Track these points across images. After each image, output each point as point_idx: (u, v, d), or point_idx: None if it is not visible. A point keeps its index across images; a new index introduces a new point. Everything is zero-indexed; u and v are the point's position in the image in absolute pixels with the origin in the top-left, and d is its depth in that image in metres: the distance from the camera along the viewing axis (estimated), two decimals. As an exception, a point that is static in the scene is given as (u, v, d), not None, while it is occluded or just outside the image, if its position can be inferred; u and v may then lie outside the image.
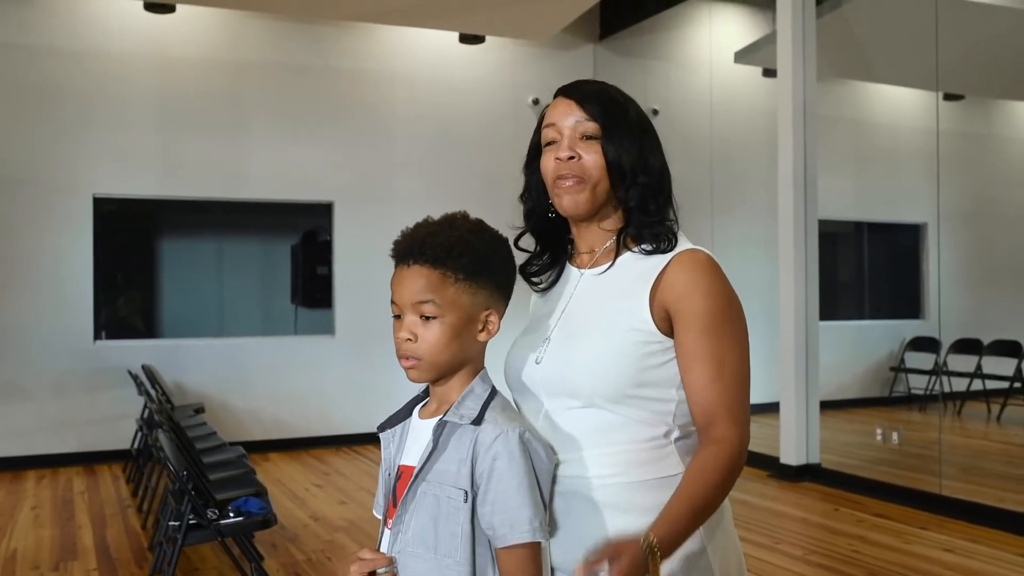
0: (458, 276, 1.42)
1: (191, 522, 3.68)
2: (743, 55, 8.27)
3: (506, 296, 1.50)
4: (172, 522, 3.81)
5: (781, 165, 6.55)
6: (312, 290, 8.51)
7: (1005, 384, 7.54)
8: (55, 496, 6.19)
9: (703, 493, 1.37)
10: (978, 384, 7.62)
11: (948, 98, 7.35)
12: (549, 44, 8.67)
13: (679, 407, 1.47)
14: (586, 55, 8.90)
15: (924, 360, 7.84)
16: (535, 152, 1.59)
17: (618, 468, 1.44)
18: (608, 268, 1.54)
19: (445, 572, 1.39)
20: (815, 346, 6.50)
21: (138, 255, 8.61)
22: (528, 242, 1.66)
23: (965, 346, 7.53)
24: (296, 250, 8.76)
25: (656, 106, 8.13)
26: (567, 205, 1.52)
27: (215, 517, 3.71)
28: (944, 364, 7.31)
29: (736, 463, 1.40)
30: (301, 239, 8.75)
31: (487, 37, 8.49)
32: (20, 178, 7.17)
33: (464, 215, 1.49)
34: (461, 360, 1.46)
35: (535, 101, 8.52)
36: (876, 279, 9.41)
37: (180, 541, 3.67)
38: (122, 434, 7.09)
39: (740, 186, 8.48)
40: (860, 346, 8.69)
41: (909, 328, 8.33)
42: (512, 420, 1.43)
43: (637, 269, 1.50)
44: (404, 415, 1.55)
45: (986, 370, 7.57)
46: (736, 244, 8.09)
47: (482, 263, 1.43)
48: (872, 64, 8.17)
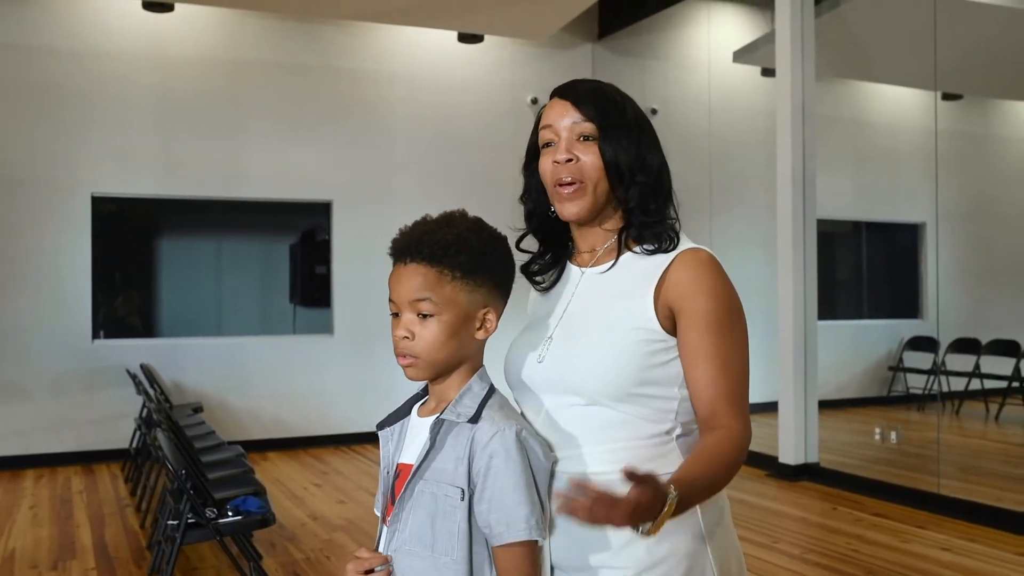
0: (455, 274, 1.42)
1: (190, 521, 3.68)
2: (742, 55, 8.27)
3: (504, 294, 1.49)
4: (171, 521, 3.81)
5: (780, 164, 6.55)
6: (311, 289, 8.51)
7: (1003, 384, 7.55)
8: (53, 495, 6.18)
9: (714, 469, 1.36)
10: (976, 384, 7.63)
11: (947, 98, 7.35)
12: (548, 43, 8.67)
13: (681, 405, 1.47)
14: (585, 55, 8.90)
15: (922, 360, 7.84)
16: (533, 153, 1.59)
17: (620, 465, 1.43)
18: (611, 267, 1.54)
19: (442, 570, 1.39)
20: (814, 345, 6.50)
21: (137, 254, 8.61)
22: (529, 242, 1.66)
23: (963, 346, 7.53)
24: (295, 249, 8.76)
25: (655, 106, 8.13)
26: (568, 212, 1.52)
27: (214, 516, 3.71)
28: (942, 364, 7.31)
29: (742, 449, 1.40)
30: (300, 238, 8.75)
31: (486, 36, 8.49)
32: (18, 177, 7.17)
33: (462, 213, 1.48)
34: (459, 358, 1.45)
35: (534, 100, 8.52)
36: (875, 279, 9.41)
37: (179, 540, 3.67)
38: (121, 433, 7.09)
39: (739, 186, 8.49)
40: (859, 346, 8.69)
41: (907, 328, 8.33)
42: (509, 418, 1.43)
43: (640, 268, 1.50)
44: (403, 413, 1.55)
45: (984, 370, 7.58)
46: (735, 243, 8.09)
47: (480, 261, 1.43)
48: (871, 64, 8.18)
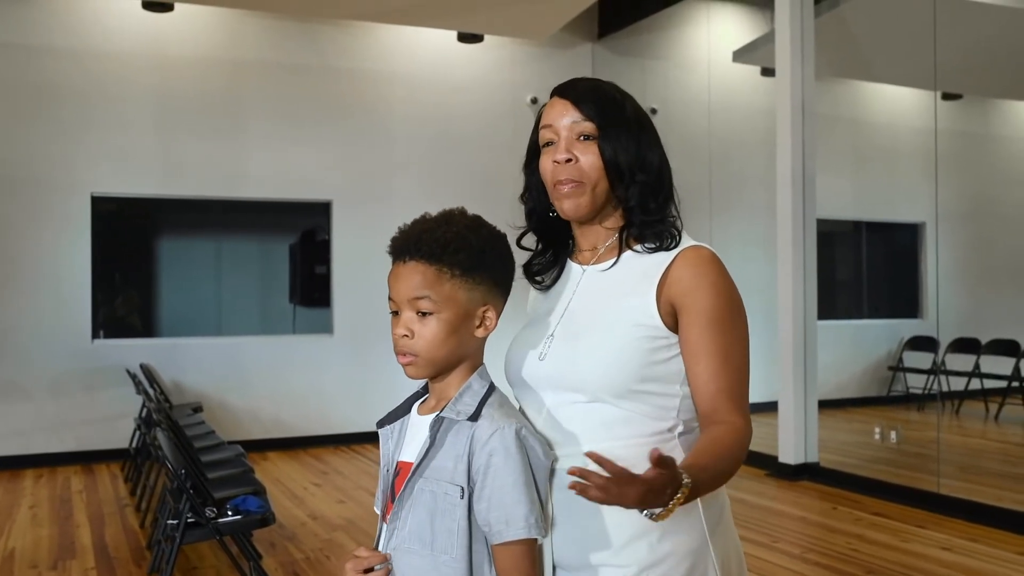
0: (454, 272, 1.41)
1: (189, 520, 3.67)
2: (741, 54, 8.27)
3: (504, 292, 1.49)
4: (170, 520, 3.81)
5: (779, 164, 6.55)
6: (310, 289, 8.51)
7: (1003, 383, 7.55)
8: (53, 495, 6.18)
9: (721, 460, 1.36)
10: (976, 383, 7.63)
11: (946, 97, 7.35)
12: (548, 43, 8.67)
13: (683, 402, 1.48)
14: (584, 54, 8.90)
15: (922, 359, 7.84)
16: (534, 152, 1.59)
17: (623, 462, 1.44)
18: (612, 265, 1.54)
19: (441, 568, 1.39)
20: (813, 345, 6.50)
21: (136, 254, 8.61)
22: (530, 240, 1.66)
23: (963, 345, 7.53)
24: (294, 249, 8.76)
25: (655, 105, 8.13)
26: (568, 210, 1.53)
27: (213, 515, 3.71)
28: (942, 363, 7.31)
29: (745, 443, 1.40)
30: (299, 238, 8.75)
31: (486, 36, 8.48)
32: (18, 177, 7.16)
33: (462, 211, 1.48)
34: (459, 356, 1.45)
35: (533, 100, 8.52)
36: (874, 278, 9.41)
37: (178, 539, 3.66)
38: (120, 433, 7.09)
39: (738, 185, 8.49)
40: (858, 345, 8.69)
41: (907, 327, 8.33)
42: (509, 416, 1.43)
43: (642, 265, 1.51)
44: (403, 411, 1.55)
45: (984, 369, 7.58)
46: (735, 243, 8.08)
47: (479, 259, 1.43)
48: (870, 63, 8.18)
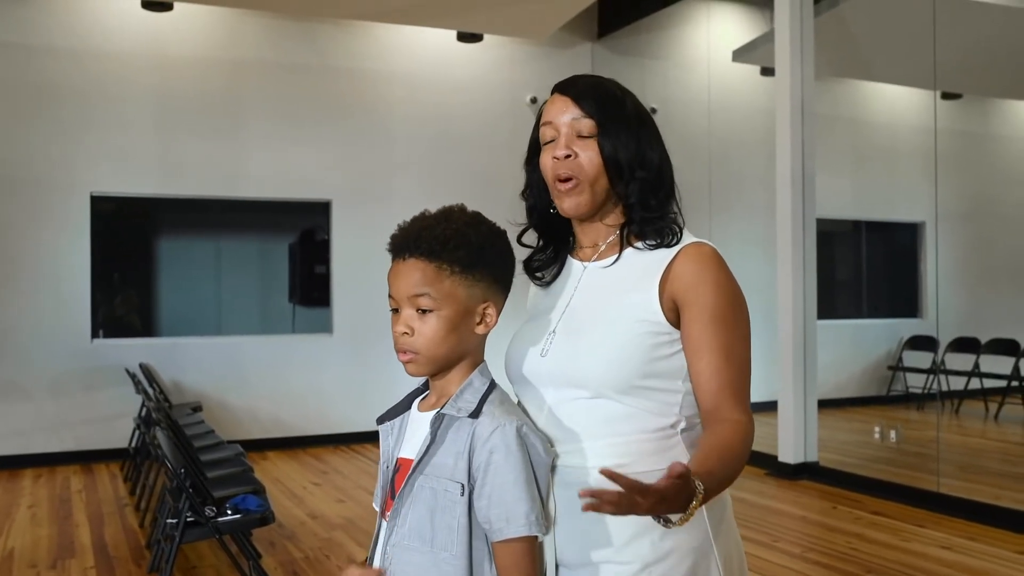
0: (454, 269, 1.41)
1: (189, 519, 3.67)
2: (741, 54, 8.27)
3: (504, 289, 1.49)
4: (170, 519, 3.81)
5: (779, 164, 6.55)
6: (310, 289, 8.50)
7: (1003, 383, 7.55)
8: (52, 495, 6.18)
9: (728, 462, 1.35)
10: (976, 383, 7.63)
11: (946, 97, 7.34)
12: (547, 43, 8.67)
13: (685, 398, 1.48)
14: (584, 54, 8.89)
15: (922, 359, 7.83)
16: (535, 149, 1.59)
17: (624, 459, 1.44)
18: (614, 262, 1.54)
19: (441, 565, 1.39)
20: (813, 345, 6.50)
21: (136, 254, 8.61)
22: (530, 237, 1.66)
23: (963, 345, 7.53)
24: (294, 249, 8.76)
25: (654, 105, 8.12)
26: (568, 207, 1.53)
27: (213, 514, 3.71)
28: (942, 363, 7.31)
29: (749, 442, 1.40)
30: (299, 238, 8.74)
31: (485, 36, 8.48)
32: (17, 177, 7.16)
33: (461, 208, 1.48)
34: (459, 353, 1.45)
35: (533, 100, 8.52)
36: (874, 278, 9.40)
37: (178, 538, 3.66)
38: (120, 433, 7.08)
39: (738, 185, 8.48)
40: (858, 345, 8.69)
41: (907, 327, 8.33)
42: (510, 413, 1.42)
43: (643, 262, 1.51)
44: (403, 408, 1.55)
45: (984, 369, 7.57)
46: (734, 243, 8.07)
47: (478, 256, 1.43)
48: (870, 63, 8.17)
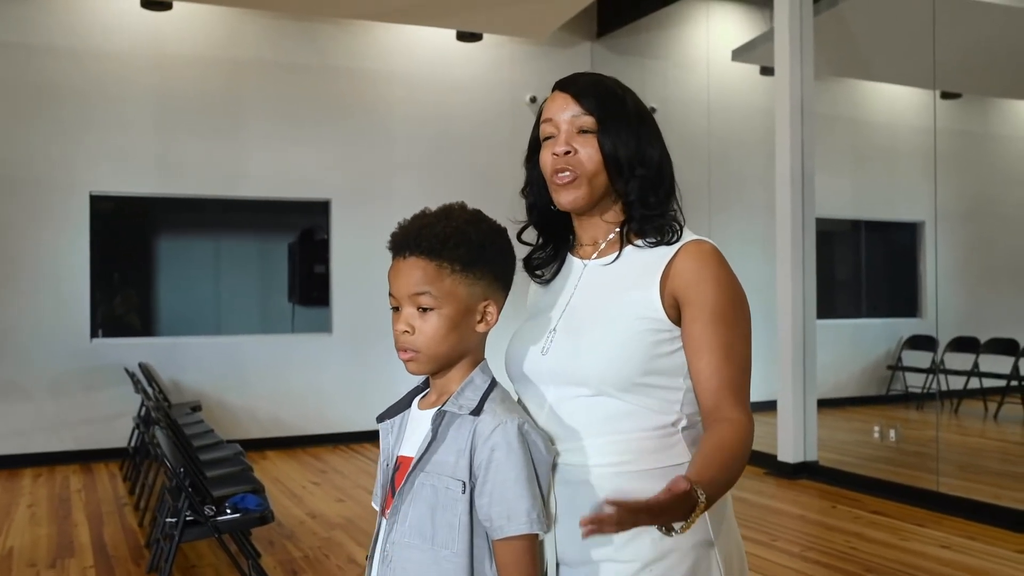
0: (454, 267, 1.41)
1: (188, 519, 3.67)
2: (740, 53, 8.27)
3: (505, 287, 1.49)
4: (169, 519, 3.81)
5: (778, 163, 6.55)
6: (309, 288, 8.50)
7: (1002, 382, 7.55)
8: (52, 494, 6.17)
9: (730, 466, 1.34)
10: (975, 382, 7.63)
11: (945, 96, 7.35)
12: (547, 42, 8.66)
13: (686, 396, 1.48)
14: (583, 53, 8.89)
15: (921, 358, 7.84)
16: (535, 146, 1.60)
17: (626, 456, 1.44)
18: (614, 260, 1.54)
19: (442, 563, 1.38)
20: (813, 344, 6.50)
21: (135, 253, 8.61)
22: (530, 235, 1.66)
23: (962, 344, 7.53)
24: (293, 248, 8.75)
25: (654, 104, 8.12)
26: (565, 201, 1.53)
27: (212, 513, 3.70)
28: (941, 362, 7.31)
29: (749, 442, 1.40)
30: (298, 237, 8.74)
31: (485, 35, 8.48)
32: (17, 176, 7.15)
33: (461, 205, 1.48)
34: (460, 351, 1.45)
35: (532, 99, 8.51)
36: (873, 277, 9.41)
37: (177, 538, 3.66)
38: (119, 432, 7.08)
39: (737, 184, 8.48)
40: (858, 344, 8.69)
41: (906, 326, 8.33)
42: (511, 411, 1.42)
43: (644, 259, 1.51)
44: (403, 406, 1.55)
45: (983, 368, 7.58)
46: (734, 242, 8.07)
47: (479, 253, 1.43)
48: (869, 62, 8.17)
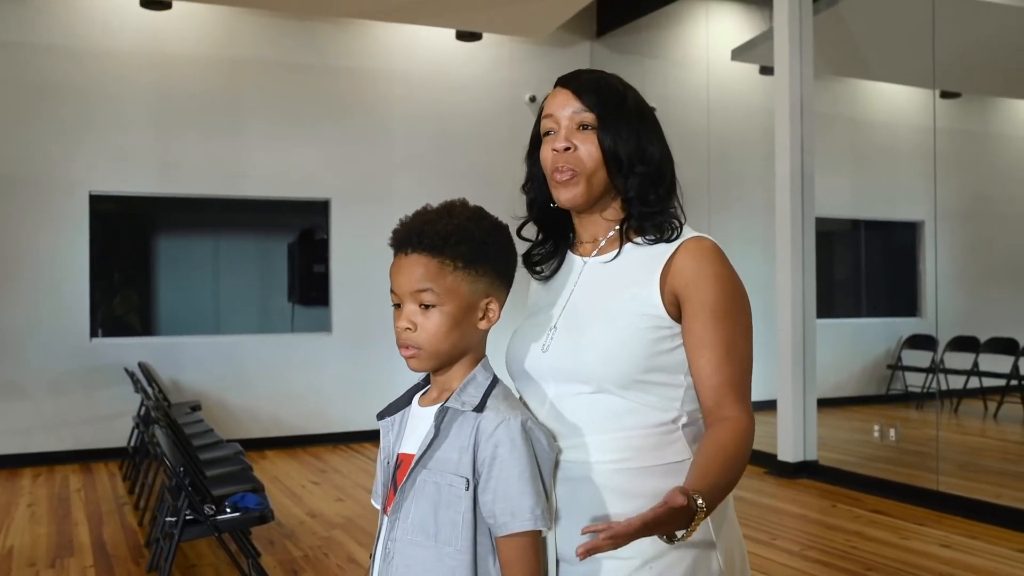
0: (456, 264, 1.41)
1: (188, 518, 3.67)
2: (740, 52, 8.26)
3: (507, 284, 1.49)
4: (169, 518, 3.81)
5: (778, 163, 6.55)
6: (309, 288, 8.50)
7: (1002, 381, 7.55)
8: (51, 494, 6.17)
9: (730, 469, 1.35)
10: (975, 381, 7.63)
11: (945, 96, 7.34)
12: (546, 41, 8.66)
13: (687, 393, 1.47)
14: (583, 52, 8.89)
15: (921, 358, 7.83)
16: (536, 143, 1.59)
17: (627, 453, 1.44)
18: (614, 257, 1.54)
19: (445, 560, 1.38)
20: (812, 344, 6.50)
21: (135, 253, 8.60)
22: (530, 231, 1.66)
23: (962, 344, 7.52)
24: (293, 248, 8.75)
25: (653, 104, 8.07)
26: (564, 198, 1.53)
27: (212, 513, 3.70)
28: (941, 362, 7.31)
29: (750, 441, 1.40)
30: (298, 237, 8.74)
31: (484, 34, 8.47)
32: (16, 176, 7.15)
33: (463, 202, 1.48)
34: (462, 348, 1.45)
35: (532, 98, 8.51)
36: (873, 277, 9.40)
37: (177, 537, 3.66)
38: (119, 432, 7.08)
39: (737, 184, 8.48)
40: (857, 344, 8.68)
41: (906, 326, 8.33)
42: (514, 408, 1.42)
43: (644, 257, 1.51)
44: (404, 403, 1.54)
45: (983, 367, 7.57)
46: (733, 242, 7.98)
47: (481, 250, 1.43)
48: (869, 62, 8.17)
